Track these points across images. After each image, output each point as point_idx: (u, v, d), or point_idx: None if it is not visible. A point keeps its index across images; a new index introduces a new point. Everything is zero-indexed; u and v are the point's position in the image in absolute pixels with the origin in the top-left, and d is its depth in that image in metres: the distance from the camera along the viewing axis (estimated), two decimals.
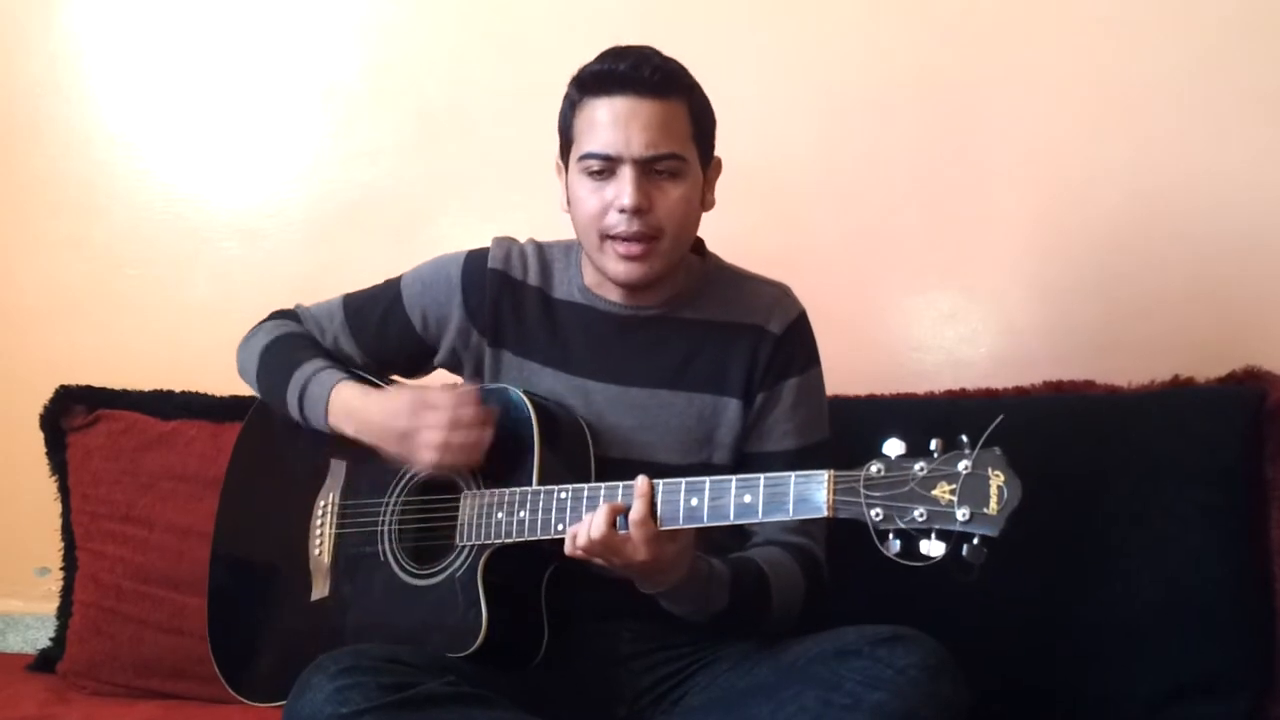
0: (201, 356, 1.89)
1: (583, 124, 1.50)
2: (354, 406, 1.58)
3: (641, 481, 1.36)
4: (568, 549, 1.38)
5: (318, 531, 1.67)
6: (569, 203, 1.56)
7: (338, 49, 2.31)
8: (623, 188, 1.47)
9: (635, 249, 1.50)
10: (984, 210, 2.10)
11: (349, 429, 1.58)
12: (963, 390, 1.96)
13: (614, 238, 1.50)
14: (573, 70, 1.54)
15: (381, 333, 1.67)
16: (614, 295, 1.59)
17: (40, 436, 2.10)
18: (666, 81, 1.49)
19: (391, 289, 1.68)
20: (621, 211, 1.48)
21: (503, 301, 1.62)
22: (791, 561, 1.52)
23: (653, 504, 1.35)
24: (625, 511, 1.35)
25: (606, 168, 1.49)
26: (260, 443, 1.80)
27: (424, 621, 1.52)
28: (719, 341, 1.59)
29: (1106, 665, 1.77)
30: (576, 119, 1.52)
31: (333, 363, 1.65)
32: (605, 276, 1.56)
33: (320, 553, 1.66)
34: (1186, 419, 1.81)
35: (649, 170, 1.48)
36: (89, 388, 2.11)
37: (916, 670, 1.32)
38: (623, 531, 1.35)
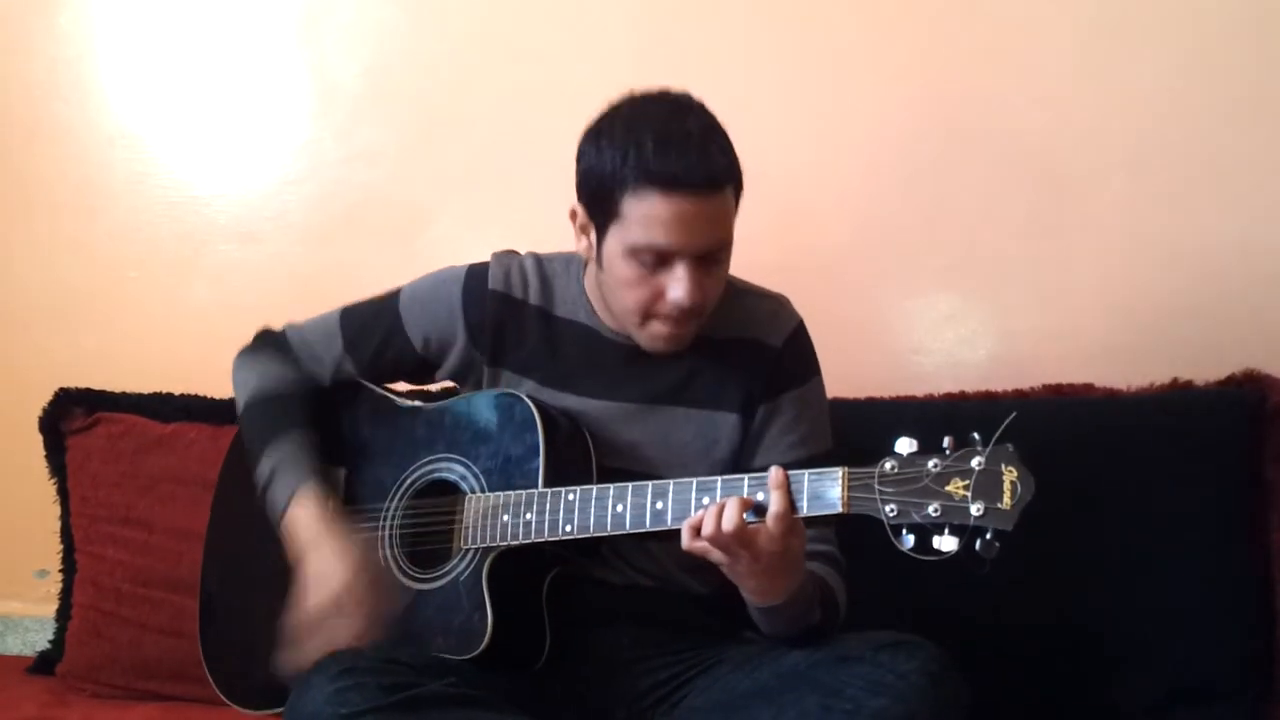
0: (201, 359, 1.89)
1: (635, 211, 1.42)
2: (298, 538, 1.52)
3: (777, 472, 1.32)
4: (685, 542, 1.34)
5: None
6: (600, 266, 1.51)
7: (338, 50, 2.30)
8: (678, 282, 1.44)
9: (683, 330, 1.50)
10: (983, 212, 2.10)
11: (290, 549, 1.54)
12: (962, 393, 1.96)
13: (661, 317, 1.49)
14: (574, 70, 1.52)
15: (381, 355, 1.65)
16: (619, 326, 1.57)
17: (39, 439, 2.10)
18: (725, 174, 1.44)
19: (390, 310, 1.65)
20: (675, 303, 1.45)
21: (504, 323, 1.60)
22: (831, 570, 1.51)
23: (790, 495, 1.32)
24: (753, 506, 1.32)
25: (662, 260, 1.45)
26: None
27: (427, 625, 1.51)
28: (718, 357, 1.58)
29: (1105, 669, 1.77)
30: (626, 200, 1.42)
31: (305, 437, 1.59)
32: (638, 341, 1.54)
33: None
34: (1186, 422, 1.81)
35: (701, 260, 1.45)
36: (88, 390, 2.11)
37: (918, 676, 1.32)
38: (751, 522, 1.32)
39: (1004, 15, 2.08)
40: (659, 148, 1.40)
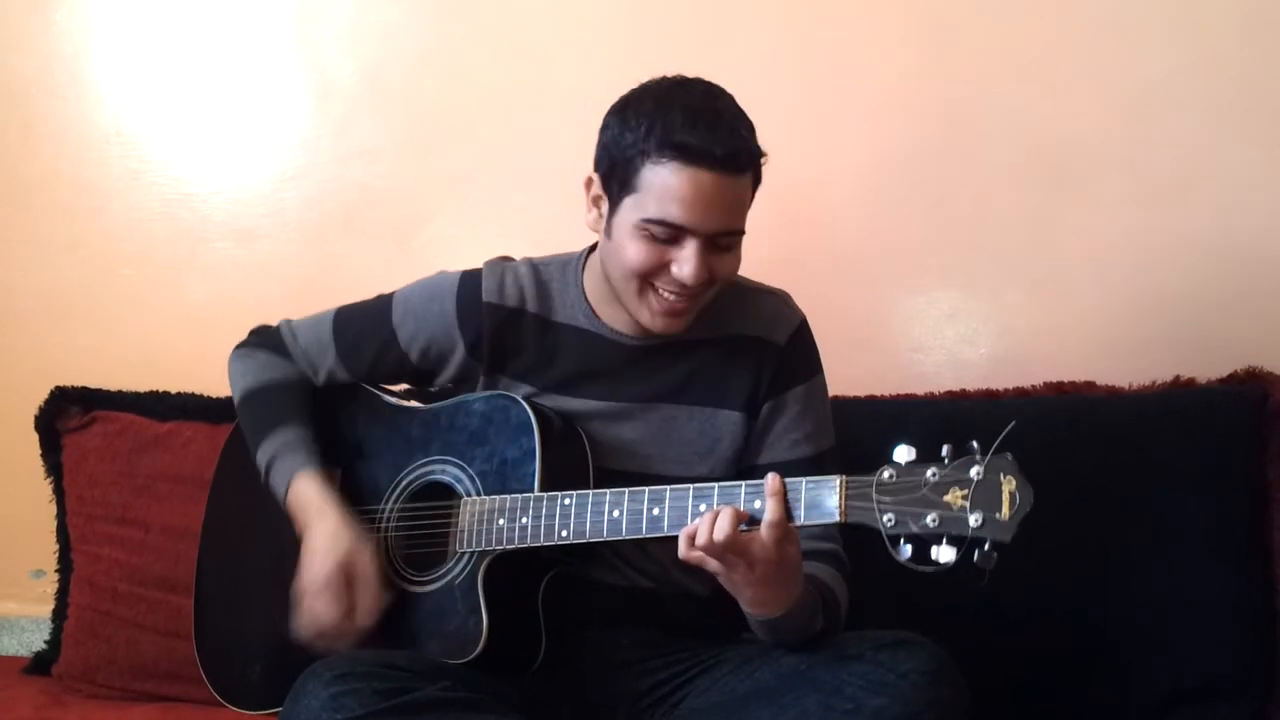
0: (198, 357, 1.89)
1: (653, 181, 1.41)
2: (301, 514, 1.55)
3: (773, 479, 1.31)
4: (682, 552, 1.33)
5: None
6: (608, 236, 1.50)
7: (335, 48, 2.30)
8: (686, 259, 1.42)
9: (680, 305, 1.47)
10: (984, 210, 2.09)
11: (295, 523, 1.57)
12: (963, 391, 1.95)
13: (659, 292, 1.47)
14: (572, 69, 1.52)
15: (376, 365, 1.65)
16: (621, 325, 1.57)
17: (35, 438, 2.09)
18: (748, 157, 1.43)
19: (384, 322, 1.63)
20: (679, 279, 1.44)
21: (502, 335, 1.59)
22: (834, 572, 1.50)
23: (786, 503, 1.31)
24: (748, 518, 1.31)
25: (672, 236, 1.43)
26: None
27: (422, 628, 1.51)
28: (721, 355, 1.57)
29: (1107, 668, 1.76)
30: (645, 170, 1.41)
31: (305, 430, 1.61)
32: (634, 319, 1.52)
33: None
34: (1187, 420, 1.80)
35: (712, 243, 1.44)
36: (84, 389, 2.10)
37: (918, 675, 1.32)
38: (745, 531, 1.30)
39: (1006, 15, 2.07)
40: (686, 119, 1.40)
